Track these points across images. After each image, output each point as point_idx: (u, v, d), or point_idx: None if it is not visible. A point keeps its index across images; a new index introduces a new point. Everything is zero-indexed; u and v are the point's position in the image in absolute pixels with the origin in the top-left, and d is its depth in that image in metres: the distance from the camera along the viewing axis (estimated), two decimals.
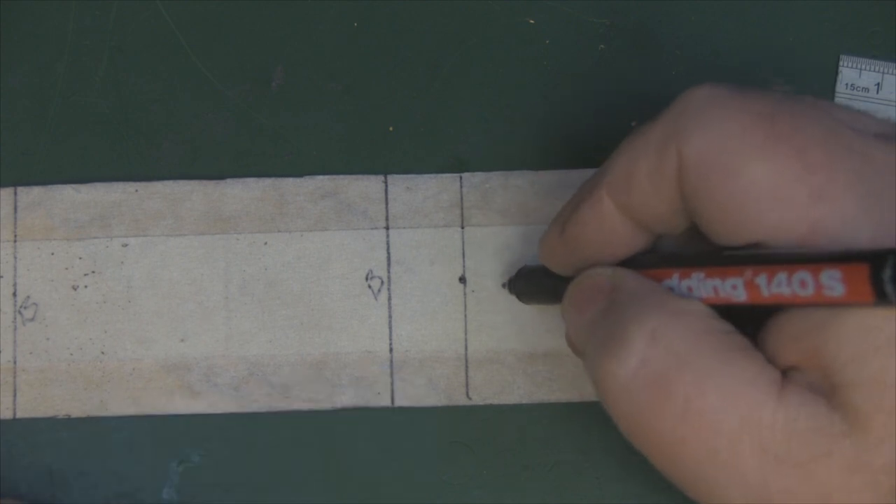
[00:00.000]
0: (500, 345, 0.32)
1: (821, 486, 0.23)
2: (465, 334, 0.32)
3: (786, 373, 0.24)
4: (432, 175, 0.33)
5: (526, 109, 0.33)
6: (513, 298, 0.32)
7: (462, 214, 0.32)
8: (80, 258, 0.32)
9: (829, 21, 0.33)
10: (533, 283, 0.30)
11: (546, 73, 0.33)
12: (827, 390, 0.23)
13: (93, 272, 0.32)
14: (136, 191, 0.32)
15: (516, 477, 0.32)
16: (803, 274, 0.22)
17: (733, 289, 0.23)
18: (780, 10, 0.33)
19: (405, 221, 0.32)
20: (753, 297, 0.23)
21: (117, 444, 0.32)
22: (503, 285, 0.32)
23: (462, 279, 0.32)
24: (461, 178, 0.33)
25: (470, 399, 0.32)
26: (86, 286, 0.32)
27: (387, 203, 0.32)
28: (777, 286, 0.22)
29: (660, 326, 0.24)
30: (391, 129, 0.33)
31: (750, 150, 0.23)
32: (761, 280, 0.23)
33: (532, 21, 0.33)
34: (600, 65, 0.33)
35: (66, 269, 0.32)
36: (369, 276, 0.32)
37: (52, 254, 0.32)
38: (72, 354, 0.32)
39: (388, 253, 0.32)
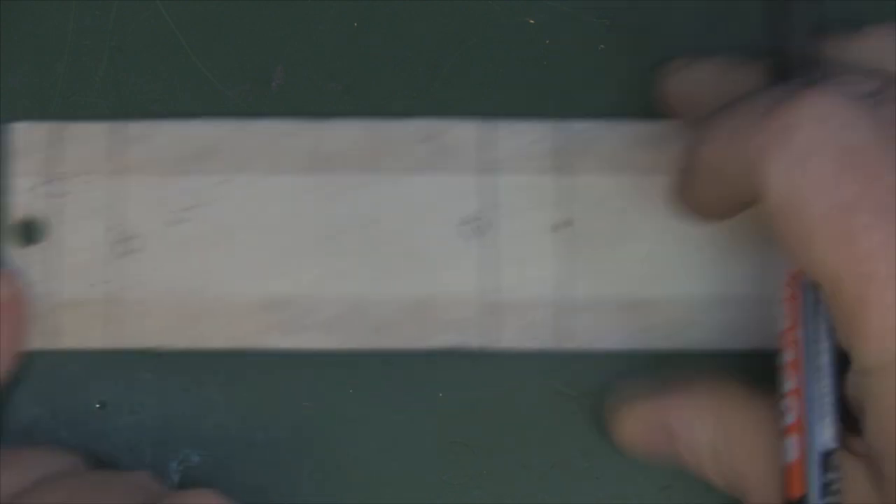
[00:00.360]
0: (600, 291, 0.32)
1: None
2: (563, 280, 0.32)
3: None
4: (536, 121, 0.32)
5: (526, 109, 0.33)
6: (612, 246, 0.32)
7: (565, 161, 0.32)
8: (180, 193, 0.32)
9: (830, 20, 0.33)
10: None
11: (546, 73, 0.33)
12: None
13: (193, 207, 0.32)
14: (238, 129, 0.32)
15: (516, 477, 0.32)
16: None
17: None
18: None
19: (506, 165, 0.32)
20: None
21: (117, 444, 0.32)
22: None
23: (561, 225, 0.32)
24: (565, 125, 0.32)
25: (567, 344, 0.32)
26: (185, 221, 0.32)
27: (488, 148, 0.32)
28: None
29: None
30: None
31: (846, 203, 0.23)
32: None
33: (532, 21, 0.33)
34: (600, 65, 0.33)
35: (165, 204, 0.32)
36: (469, 220, 0.32)
37: (153, 188, 0.32)
38: (170, 288, 0.32)
39: (488, 197, 0.32)
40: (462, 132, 0.32)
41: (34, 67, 0.33)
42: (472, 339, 0.32)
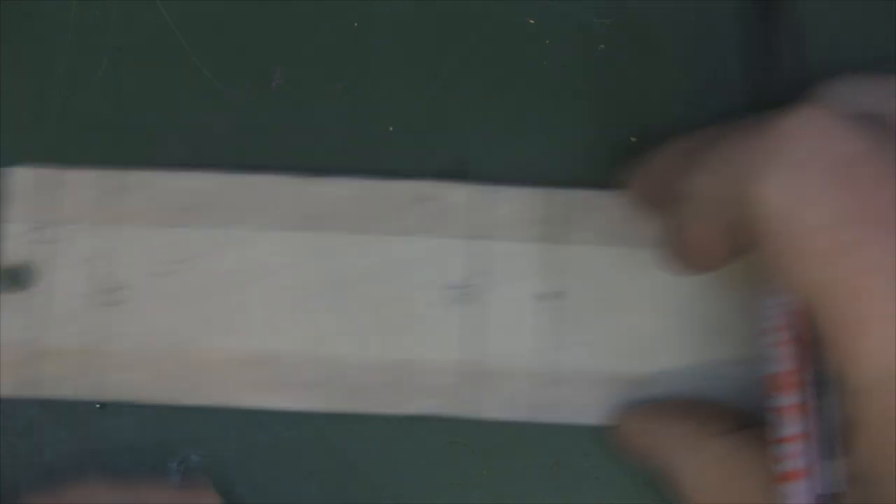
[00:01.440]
0: (581, 364, 0.32)
1: None
2: (544, 351, 0.32)
3: None
4: (526, 188, 0.32)
5: (526, 109, 0.33)
6: (597, 319, 0.32)
7: (553, 231, 0.32)
8: (173, 245, 0.32)
9: (829, 20, 0.33)
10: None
11: (546, 73, 0.33)
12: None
13: (184, 260, 0.32)
14: (231, 182, 0.32)
15: (516, 477, 0.32)
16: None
17: None
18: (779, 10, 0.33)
19: (496, 232, 0.32)
20: None
21: (117, 444, 0.32)
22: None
23: (545, 296, 0.32)
24: (554, 193, 0.32)
25: (548, 417, 0.32)
26: (173, 273, 0.32)
27: (479, 213, 0.32)
28: None
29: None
30: (391, 129, 0.33)
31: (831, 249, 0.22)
32: None
33: (532, 21, 0.33)
34: (600, 65, 0.33)
35: (156, 256, 0.32)
36: (454, 285, 0.32)
37: (145, 239, 0.32)
38: (157, 341, 0.32)
39: (476, 263, 0.32)
40: (454, 196, 0.32)
41: (34, 67, 0.33)
42: (450, 407, 0.32)
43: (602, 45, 0.33)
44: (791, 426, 0.25)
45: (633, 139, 0.32)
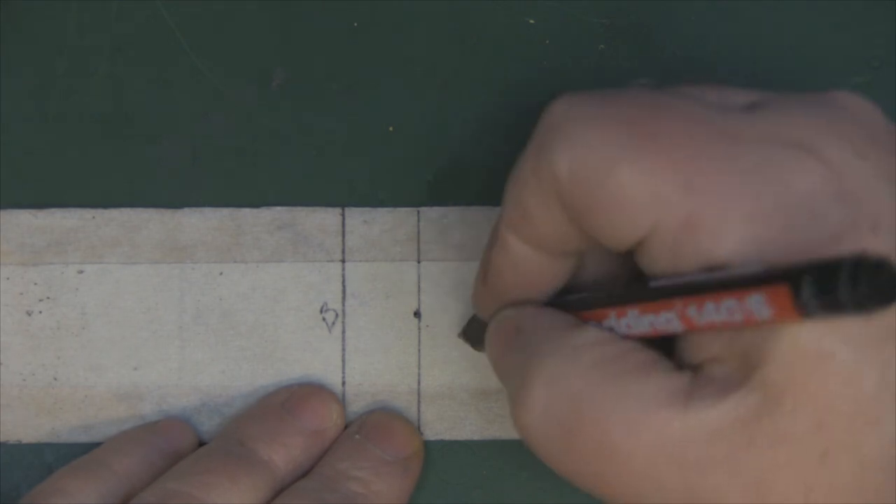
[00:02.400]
0: (454, 380, 0.32)
1: (749, 472, 0.23)
2: (419, 369, 0.32)
3: (700, 368, 0.24)
4: (389, 209, 0.33)
5: (526, 109, 0.33)
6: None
7: (419, 249, 0.32)
8: (35, 284, 0.32)
9: (830, 20, 0.33)
10: (482, 331, 0.29)
11: (546, 73, 0.33)
12: (742, 376, 0.23)
13: (47, 298, 0.32)
14: (94, 217, 0.32)
15: (516, 477, 0.32)
16: (730, 302, 0.22)
17: (668, 322, 0.24)
18: (780, 10, 0.33)
19: (361, 254, 0.32)
20: (689, 326, 0.23)
21: None
22: (458, 335, 0.32)
23: (417, 314, 0.32)
24: (419, 212, 0.33)
25: (422, 434, 0.32)
26: (40, 312, 0.32)
27: (343, 235, 0.32)
28: (708, 315, 0.22)
29: (557, 369, 0.24)
30: (391, 129, 0.33)
31: (614, 158, 0.23)
32: (692, 311, 0.23)
33: (532, 21, 0.33)
34: (600, 65, 0.33)
35: (21, 294, 0.32)
36: (324, 308, 0.32)
37: (8, 278, 0.32)
38: (24, 380, 0.32)
39: (344, 286, 0.32)
40: (316, 220, 0.32)
41: (34, 67, 0.33)
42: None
43: (602, 45, 0.33)
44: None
45: None
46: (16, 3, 0.33)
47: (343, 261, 0.32)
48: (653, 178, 0.23)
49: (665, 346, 0.25)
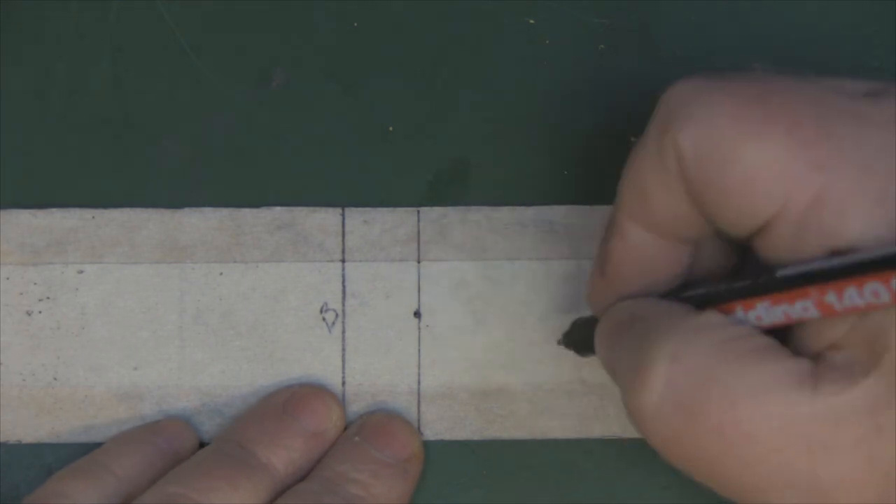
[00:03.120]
0: (454, 380, 0.32)
1: (877, 464, 0.22)
2: (419, 369, 0.32)
3: (821, 356, 0.23)
4: (389, 209, 0.33)
5: (526, 109, 0.33)
6: (467, 334, 0.32)
7: (419, 249, 0.32)
8: (35, 284, 0.32)
9: (830, 21, 0.33)
10: (590, 333, 0.29)
11: (546, 73, 0.33)
12: (869, 362, 0.22)
13: (47, 298, 0.32)
14: (93, 217, 0.32)
15: (516, 477, 0.32)
16: (874, 284, 0.21)
17: (804, 311, 0.23)
18: (780, 10, 0.33)
19: (361, 254, 0.32)
20: (828, 313, 0.23)
21: None
22: (558, 342, 0.32)
23: (417, 314, 0.32)
24: (419, 212, 0.33)
25: (422, 434, 0.32)
26: (40, 312, 0.32)
27: (343, 235, 0.32)
28: (850, 300, 0.22)
29: (679, 347, 0.24)
30: (391, 129, 0.33)
31: (743, 135, 0.23)
32: (831, 298, 0.22)
33: (532, 21, 0.33)
34: (600, 65, 0.33)
35: (21, 294, 0.32)
36: (324, 308, 0.32)
37: (8, 278, 0.32)
38: (24, 380, 0.32)
39: (344, 286, 0.32)
40: (316, 220, 0.32)
41: (34, 67, 0.33)
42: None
43: (602, 45, 0.33)
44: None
45: (633, 139, 0.32)
46: (16, 3, 0.33)
47: (343, 261, 0.32)
48: (782, 156, 0.23)
49: (778, 335, 0.24)
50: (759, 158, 0.23)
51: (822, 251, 0.23)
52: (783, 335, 0.24)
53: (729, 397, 0.23)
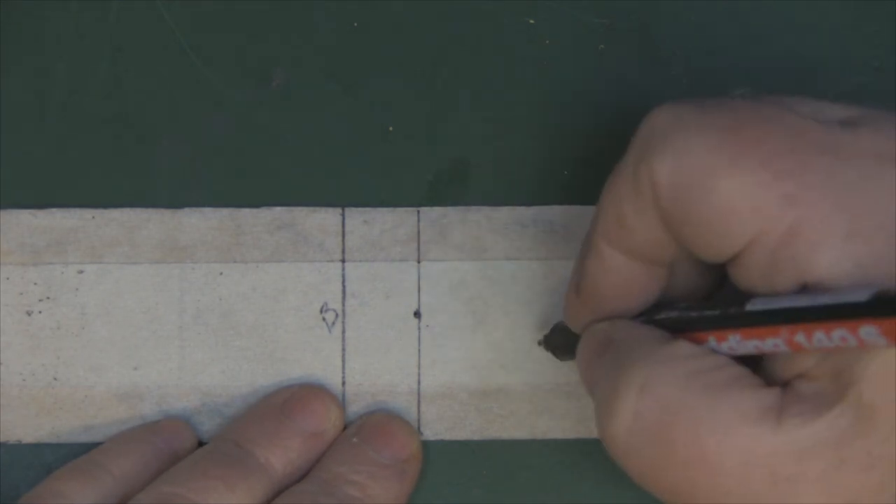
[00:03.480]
0: (453, 380, 0.32)
1: (842, 493, 0.23)
2: (419, 369, 0.32)
3: (790, 385, 0.24)
4: (389, 209, 0.33)
5: (526, 109, 0.33)
6: (467, 334, 0.32)
7: (419, 249, 0.32)
8: (35, 283, 0.32)
9: (830, 21, 0.33)
10: (569, 340, 0.29)
11: (546, 73, 0.33)
12: (835, 395, 0.23)
13: (47, 298, 0.32)
14: (93, 217, 0.32)
15: (516, 477, 0.32)
16: (842, 332, 0.22)
17: (775, 346, 0.23)
18: (780, 10, 0.33)
19: (361, 254, 0.32)
20: (797, 349, 0.23)
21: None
22: (538, 343, 0.32)
23: (417, 314, 0.32)
24: (419, 212, 0.33)
25: (422, 434, 0.32)
26: (40, 312, 0.32)
27: (343, 235, 0.32)
28: (819, 342, 0.22)
29: (648, 378, 0.24)
30: (391, 129, 0.33)
31: (717, 168, 0.23)
32: (800, 338, 0.23)
33: (532, 21, 0.33)
34: (600, 65, 0.33)
35: (21, 294, 0.32)
36: (324, 308, 0.32)
37: (8, 278, 0.32)
38: (24, 380, 0.32)
39: (344, 286, 0.32)
40: (316, 220, 0.32)
41: (34, 67, 0.33)
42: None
43: (602, 45, 0.33)
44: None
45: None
46: (16, 3, 0.33)
47: (343, 261, 0.32)
48: (754, 189, 0.23)
49: (751, 361, 0.25)
50: (733, 191, 0.23)
51: (794, 284, 0.23)
52: (756, 360, 0.25)
53: (695, 431, 0.23)
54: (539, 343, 0.32)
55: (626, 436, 0.24)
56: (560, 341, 0.31)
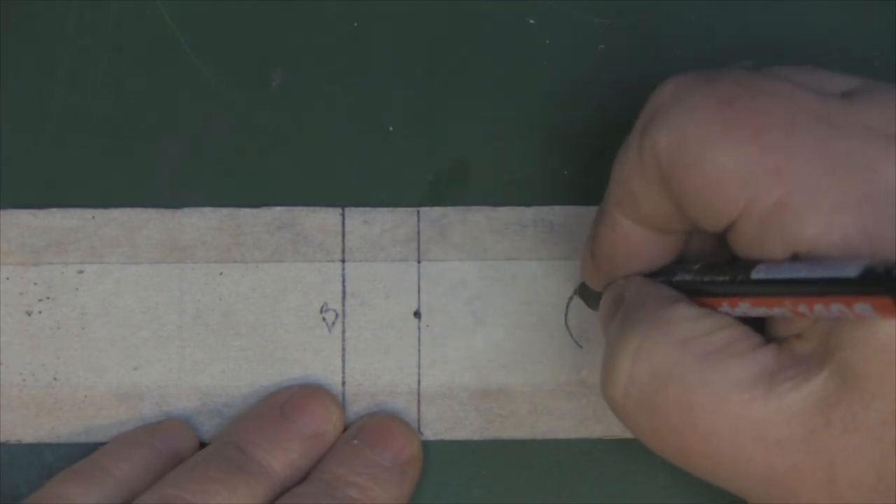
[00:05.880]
0: (453, 380, 0.32)
1: (824, 454, 0.23)
2: (419, 369, 0.32)
3: (787, 342, 0.24)
4: (389, 209, 0.33)
5: (526, 109, 0.33)
6: (467, 334, 0.32)
7: (419, 249, 0.32)
8: (35, 283, 0.32)
9: (830, 20, 0.33)
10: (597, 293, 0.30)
11: (546, 73, 0.33)
12: (823, 357, 0.23)
13: (47, 298, 0.32)
14: (93, 217, 0.32)
15: (516, 477, 0.32)
16: (839, 306, 0.22)
17: (782, 314, 0.24)
18: (780, 9, 0.33)
19: (361, 254, 0.32)
20: (803, 318, 0.24)
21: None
22: (575, 292, 0.32)
23: (417, 314, 0.32)
24: (418, 212, 0.33)
25: (421, 434, 0.32)
26: (40, 312, 0.32)
27: (343, 235, 0.32)
28: (820, 312, 0.23)
29: (643, 343, 0.25)
30: (391, 129, 0.33)
31: (711, 138, 0.24)
32: (804, 308, 0.23)
33: (532, 21, 0.33)
34: (600, 65, 0.33)
35: (21, 294, 0.32)
36: (324, 308, 0.32)
37: (8, 278, 0.32)
38: (24, 380, 0.32)
39: (344, 286, 0.32)
40: (316, 220, 0.32)
41: (34, 68, 0.33)
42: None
43: (602, 45, 0.33)
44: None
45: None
46: (16, 3, 0.33)
47: (343, 261, 0.32)
48: (744, 161, 0.23)
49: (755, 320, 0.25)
50: (723, 163, 0.24)
51: (784, 254, 0.24)
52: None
53: (686, 401, 0.24)
54: (575, 292, 0.32)
55: (623, 399, 0.25)
56: (592, 292, 0.31)
